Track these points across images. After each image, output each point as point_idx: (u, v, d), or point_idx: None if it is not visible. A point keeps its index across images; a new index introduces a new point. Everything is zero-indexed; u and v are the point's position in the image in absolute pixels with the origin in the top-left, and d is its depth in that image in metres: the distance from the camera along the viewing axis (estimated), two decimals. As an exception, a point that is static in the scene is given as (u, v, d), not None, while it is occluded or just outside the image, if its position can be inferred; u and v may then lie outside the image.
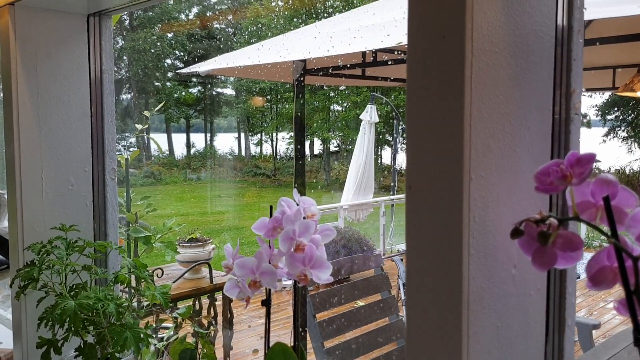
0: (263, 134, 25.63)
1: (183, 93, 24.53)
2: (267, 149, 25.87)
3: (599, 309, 6.33)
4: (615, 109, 21.44)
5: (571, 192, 0.62)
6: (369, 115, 8.27)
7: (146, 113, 2.38)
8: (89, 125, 1.66)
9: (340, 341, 3.10)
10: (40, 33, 1.57)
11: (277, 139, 25.12)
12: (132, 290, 1.53)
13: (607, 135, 21.54)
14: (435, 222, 0.66)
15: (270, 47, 3.86)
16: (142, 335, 1.38)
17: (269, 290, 1.03)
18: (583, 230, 10.43)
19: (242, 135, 26.17)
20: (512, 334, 0.73)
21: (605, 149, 20.46)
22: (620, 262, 0.60)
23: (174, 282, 3.22)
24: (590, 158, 0.60)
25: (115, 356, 1.38)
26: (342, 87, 18.49)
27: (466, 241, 0.65)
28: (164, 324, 2.38)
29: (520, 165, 0.71)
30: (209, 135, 26.23)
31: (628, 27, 3.48)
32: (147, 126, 2.38)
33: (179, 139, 25.66)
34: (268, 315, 1.05)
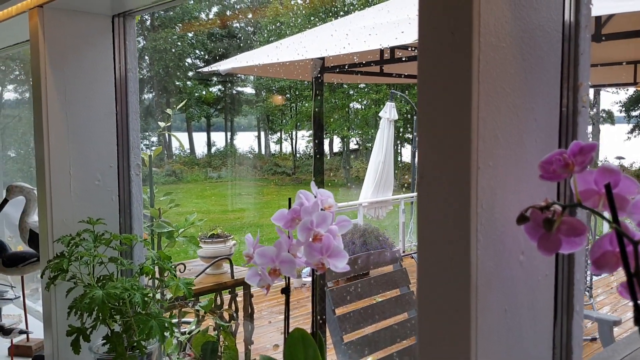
0: (282, 132, 25.72)
1: (204, 92, 24.71)
2: (286, 147, 25.96)
3: (621, 307, 6.28)
4: (640, 105, 21.11)
5: (574, 180, 0.65)
6: (388, 112, 8.28)
7: (169, 111, 2.44)
8: (114, 123, 1.72)
9: (359, 335, 3.13)
10: (68, 34, 1.63)
11: (296, 137, 25.18)
12: (157, 282, 1.59)
13: (631, 132, 21.22)
14: (445, 209, 0.69)
15: (289, 45, 3.91)
16: (166, 324, 1.43)
17: (288, 278, 1.07)
18: (606, 226, 10.32)
19: (262, 133, 26.29)
20: (521, 318, 0.76)
21: (630, 146, 20.15)
22: (621, 247, 0.63)
23: (196, 277, 3.29)
24: (592, 147, 0.63)
25: (141, 344, 1.43)
26: (362, 85, 18.49)
27: (474, 227, 0.68)
28: (184, 319, 2.44)
29: (527, 156, 0.74)
30: (229, 134, 26.39)
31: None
32: (169, 124, 2.43)
33: (200, 138, 25.85)
34: (287, 302, 1.09)
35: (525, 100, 0.74)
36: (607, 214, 0.65)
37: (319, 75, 3.46)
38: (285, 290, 1.09)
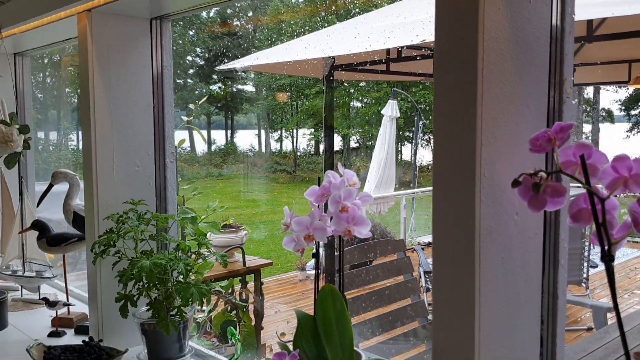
0: (283, 130, 25.87)
1: (204, 90, 24.86)
2: (287, 145, 26.11)
3: (618, 298, 6.47)
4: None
5: (556, 152, 0.84)
6: (390, 110, 8.44)
7: (191, 106, 2.63)
8: (151, 115, 1.91)
9: (366, 318, 3.33)
10: (112, 35, 1.82)
11: (297, 135, 25.35)
12: (193, 256, 1.77)
13: (630, 130, 21.34)
14: (455, 176, 0.88)
15: (303, 44, 4.10)
16: (204, 290, 1.62)
17: (318, 243, 1.26)
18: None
19: (262, 132, 26.43)
20: (515, 265, 0.95)
21: (629, 145, 20.28)
22: (592, 204, 0.82)
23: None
24: (569, 126, 0.81)
25: (181, 309, 1.62)
26: (363, 84, 18.63)
27: (478, 191, 0.87)
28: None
29: (521, 135, 0.93)
30: (229, 132, 26.54)
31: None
32: (191, 117, 2.62)
33: (200, 136, 25.97)
34: (317, 265, 1.28)
35: (519, 91, 0.93)
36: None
37: (329, 73, 3.66)
38: (316, 254, 1.28)
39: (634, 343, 2.99)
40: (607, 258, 0.80)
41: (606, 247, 0.81)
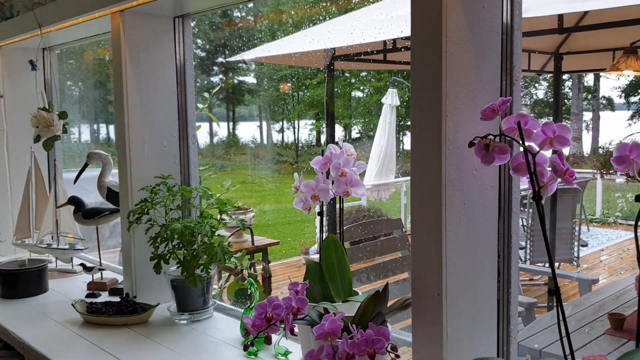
0: (285, 121, 26.09)
1: (205, 82, 25.07)
2: (288, 136, 26.34)
3: (605, 277, 6.77)
4: (640, 90, 21.27)
5: (499, 121, 1.12)
6: (390, 98, 8.65)
7: (206, 94, 2.90)
8: (175, 102, 2.19)
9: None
10: (141, 32, 2.09)
11: (299, 126, 25.57)
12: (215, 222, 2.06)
13: (631, 118, 21.36)
14: (426, 140, 1.16)
15: (307, 37, 4.37)
16: (226, 249, 1.91)
17: (323, 202, 1.54)
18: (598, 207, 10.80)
19: (264, 123, 26.66)
20: (475, 211, 1.23)
21: (630, 132, 20.34)
22: (526, 159, 1.10)
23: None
24: (507, 101, 1.09)
25: (207, 266, 1.90)
26: (364, 73, 18.84)
27: (444, 151, 1.15)
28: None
29: (477, 108, 1.20)
30: (231, 123, 26.77)
31: (622, 14, 3.93)
32: (206, 105, 2.89)
33: (202, 128, 26.21)
34: (322, 221, 1.57)
35: (476, 75, 1.20)
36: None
37: (330, 63, 3.93)
38: (320, 213, 1.57)
39: (612, 307, 3.29)
40: (537, 198, 1.09)
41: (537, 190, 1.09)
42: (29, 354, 1.84)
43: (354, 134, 23.93)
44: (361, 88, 21.07)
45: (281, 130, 26.31)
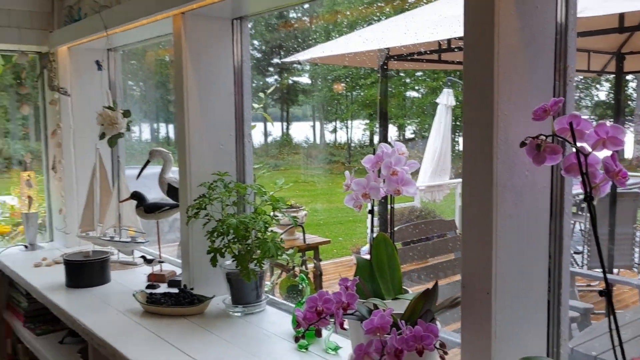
0: (338, 121, 26.12)
1: (261, 82, 25.40)
2: (341, 136, 26.36)
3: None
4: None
5: (551, 121, 1.12)
6: (446, 98, 8.54)
7: (261, 94, 2.98)
8: (233, 102, 2.26)
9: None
10: (201, 33, 2.17)
11: (352, 126, 25.55)
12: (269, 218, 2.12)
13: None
14: (478, 140, 1.17)
15: (361, 37, 4.40)
16: (278, 245, 1.96)
17: (373, 200, 1.57)
18: None
19: (317, 123, 26.77)
20: (526, 211, 1.23)
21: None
22: (578, 159, 1.10)
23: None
24: (559, 101, 1.09)
25: (260, 261, 1.96)
26: (419, 73, 18.67)
27: (495, 152, 1.16)
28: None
29: (529, 109, 1.20)
30: (284, 123, 27.01)
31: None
32: (261, 105, 2.96)
33: (256, 127, 26.53)
34: (372, 219, 1.60)
35: (529, 76, 1.21)
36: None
37: (384, 63, 3.94)
38: (371, 211, 1.59)
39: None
40: (589, 199, 1.08)
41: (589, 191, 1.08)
42: (92, 340, 1.94)
43: (408, 134, 23.76)
44: (416, 88, 20.87)
45: (334, 130, 26.34)
